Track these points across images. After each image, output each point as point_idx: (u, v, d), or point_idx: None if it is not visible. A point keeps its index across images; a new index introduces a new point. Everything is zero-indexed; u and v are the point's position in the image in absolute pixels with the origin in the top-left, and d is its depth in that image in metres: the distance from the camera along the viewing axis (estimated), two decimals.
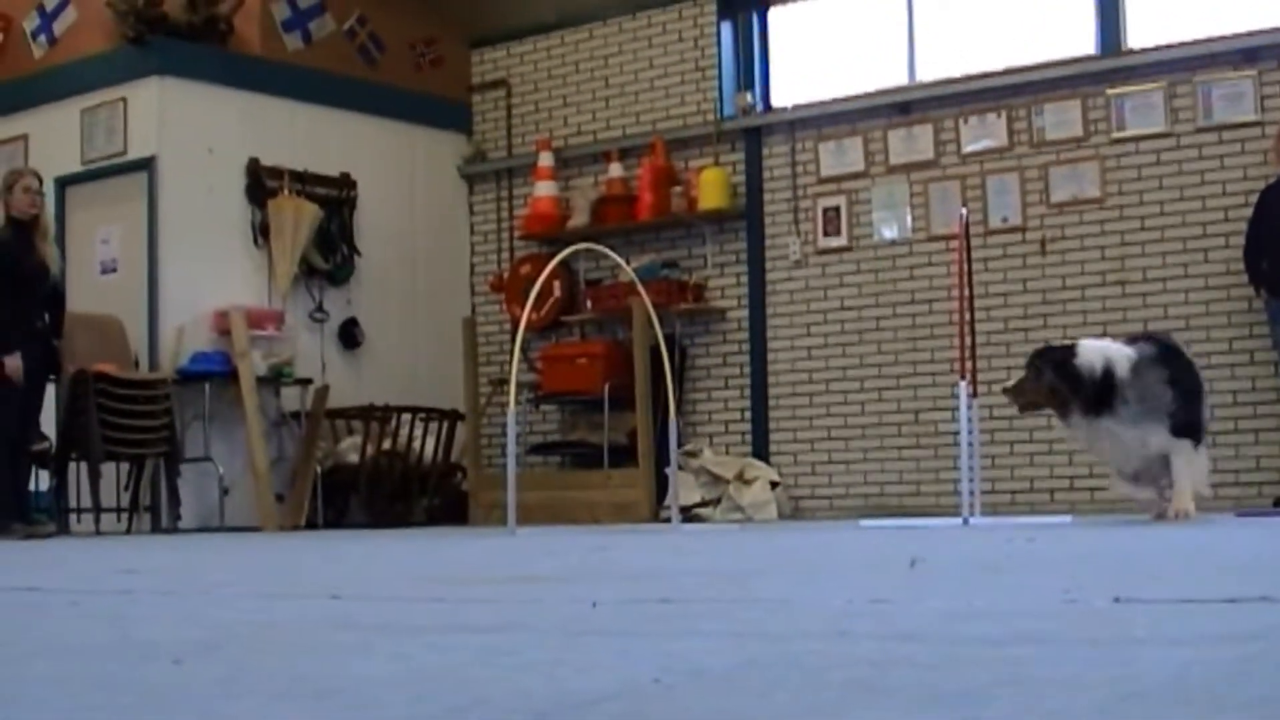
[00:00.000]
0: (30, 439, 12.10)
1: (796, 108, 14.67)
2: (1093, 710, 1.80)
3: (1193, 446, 9.03)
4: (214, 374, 13.93)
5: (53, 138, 14.77)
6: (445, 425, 14.89)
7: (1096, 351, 9.03)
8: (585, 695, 2.04)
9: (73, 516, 13.41)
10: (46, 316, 11.93)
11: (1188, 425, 8.97)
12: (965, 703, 1.88)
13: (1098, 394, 8.84)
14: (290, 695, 2.12)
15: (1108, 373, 8.84)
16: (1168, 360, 9.05)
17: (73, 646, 2.92)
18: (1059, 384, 9.00)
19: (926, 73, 14.23)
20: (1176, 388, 8.92)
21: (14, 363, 11.46)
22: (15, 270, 11.50)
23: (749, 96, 14.85)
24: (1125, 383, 8.85)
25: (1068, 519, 11.11)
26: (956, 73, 13.96)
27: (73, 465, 13.11)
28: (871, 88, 14.36)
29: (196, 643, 2.87)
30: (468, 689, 2.13)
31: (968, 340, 10.96)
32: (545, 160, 15.56)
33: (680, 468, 12.86)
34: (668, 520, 12.21)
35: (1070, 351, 9.13)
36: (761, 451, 14.43)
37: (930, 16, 14.31)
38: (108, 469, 13.12)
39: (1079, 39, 13.52)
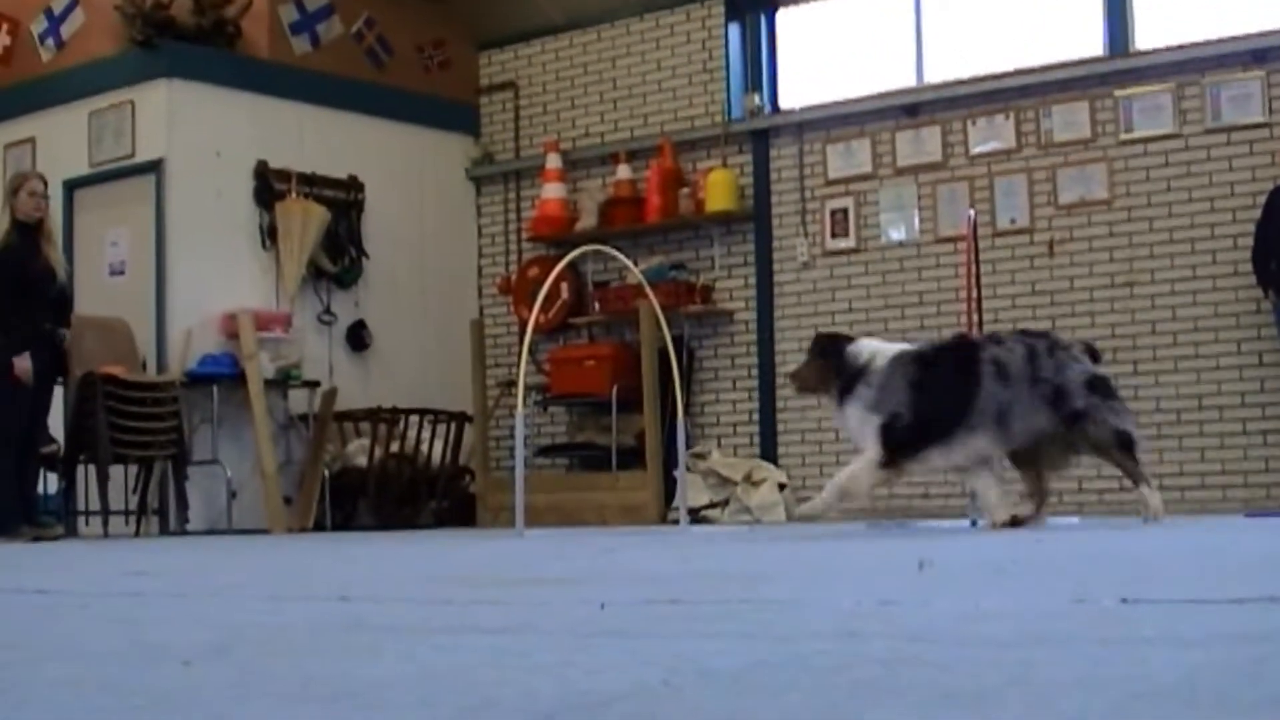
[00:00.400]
0: (39, 441, 12.10)
1: (804, 109, 14.67)
2: (1104, 710, 1.80)
3: (873, 455, 8.62)
4: (222, 376, 13.94)
5: (61, 141, 14.78)
6: (453, 427, 14.89)
7: (870, 343, 8.98)
8: (595, 696, 2.04)
9: (81, 519, 13.41)
10: (54, 319, 11.93)
11: (888, 429, 8.58)
12: (976, 703, 1.88)
13: (849, 381, 8.71)
14: (301, 697, 2.12)
15: (866, 363, 8.70)
16: (935, 362, 8.78)
17: (83, 649, 2.92)
18: (822, 366, 8.95)
19: (934, 74, 14.22)
20: (917, 390, 8.60)
21: (23, 364, 11.46)
22: (21, 273, 11.50)
23: (757, 98, 14.85)
24: (875, 374, 8.65)
25: (1075, 520, 11.10)
26: (964, 74, 13.96)
27: (81, 468, 13.12)
28: (879, 89, 14.35)
29: (206, 645, 2.87)
30: (477, 690, 2.13)
31: None
32: (553, 162, 15.57)
33: (688, 470, 12.86)
34: (676, 522, 12.21)
35: (845, 339, 9.11)
36: (769, 453, 14.43)
37: (938, 18, 14.31)
38: (116, 471, 13.12)
39: (1087, 40, 13.51)
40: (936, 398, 8.59)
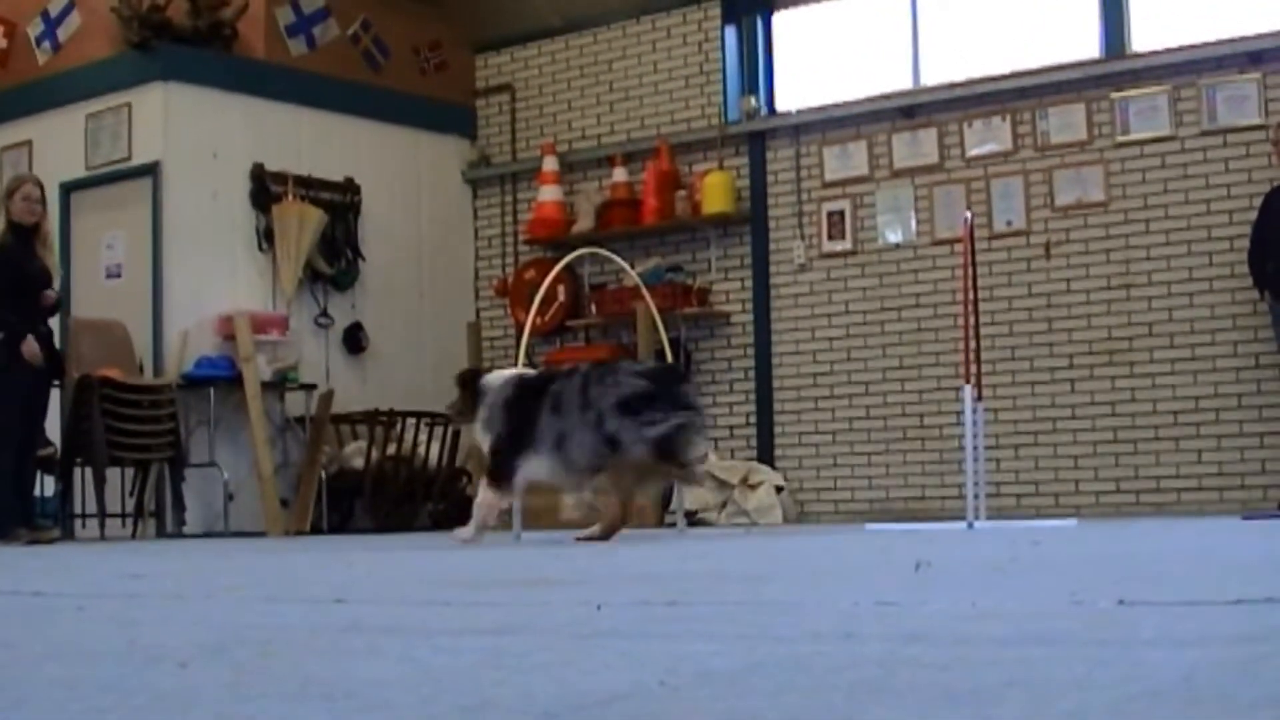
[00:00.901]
0: (37, 444, 12.09)
1: (801, 112, 14.68)
2: (1103, 710, 1.80)
3: (486, 482, 9.11)
4: (219, 379, 13.93)
5: (57, 143, 14.77)
6: (450, 430, 14.89)
7: (500, 373, 9.43)
8: (592, 697, 2.04)
9: (78, 522, 13.41)
10: (47, 323, 11.94)
11: (493, 454, 9.03)
12: (975, 703, 1.88)
13: (476, 409, 9.14)
14: (299, 697, 2.12)
15: (486, 390, 9.12)
16: (527, 388, 9.07)
17: (81, 650, 2.92)
18: (464, 397, 9.33)
19: (930, 76, 14.23)
20: (509, 414, 8.96)
21: (30, 346, 11.44)
22: (17, 274, 11.48)
23: (753, 100, 14.86)
24: (488, 402, 9.06)
25: (1073, 522, 11.11)
26: (960, 76, 13.97)
27: (77, 470, 13.12)
28: (876, 91, 14.36)
29: (204, 646, 2.87)
30: (475, 691, 2.13)
31: (972, 344, 10.97)
32: (549, 165, 15.57)
33: None
34: (673, 525, 12.21)
35: (481, 371, 9.72)
36: (766, 456, 14.43)
37: (934, 20, 14.31)
38: (112, 474, 13.12)
39: (1083, 42, 13.52)
40: (518, 423, 8.92)
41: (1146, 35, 13.26)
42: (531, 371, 9.60)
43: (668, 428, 8.65)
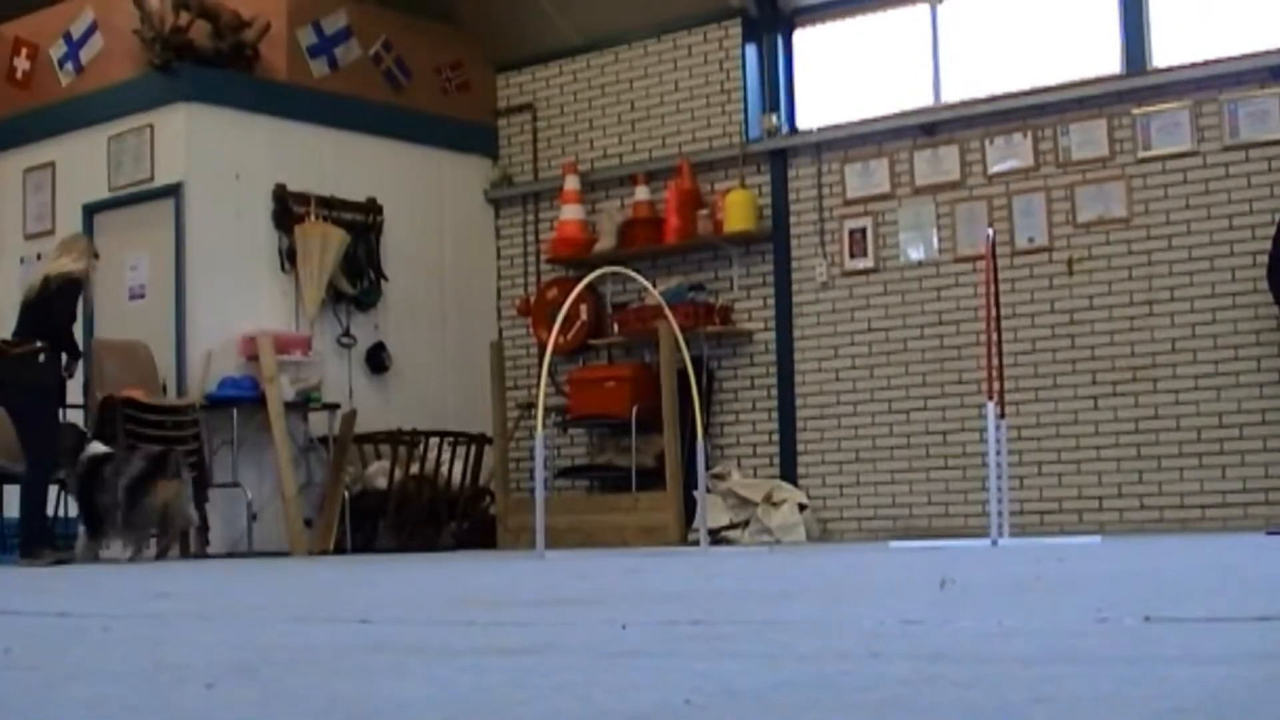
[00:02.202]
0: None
1: (822, 129, 14.67)
2: None
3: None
4: (242, 399, 13.95)
5: (80, 165, 14.83)
6: (473, 449, 14.89)
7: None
8: (618, 716, 2.04)
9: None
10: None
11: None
12: None
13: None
14: (324, 716, 2.12)
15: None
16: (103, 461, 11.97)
17: (106, 670, 2.93)
18: None
19: (952, 93, 14.22)
20: (94, 470, 11.91)
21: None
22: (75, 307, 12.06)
23: (774, 118, 14.84)
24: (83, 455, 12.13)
25: (1097, 539, 11.08)
26: (982, 93, 13.95)
27: None
28: (897, 109, 14.35)
29: (229, 666, 2.88)
30: (501, 711, 2.13)
31: (995, 361, 10.96)
32: (571, 184, 15.57)
33: (708, 490, 12.85)
34: (696, 543, 12.21)
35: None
36: (789, 474, 14.41)
37: (955, 37, 14.30)
38: None
39: (1104, 58, 13.50)
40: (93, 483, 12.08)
41: (1167, 51, 13.24)
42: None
43: (152, 513, 11.88)
